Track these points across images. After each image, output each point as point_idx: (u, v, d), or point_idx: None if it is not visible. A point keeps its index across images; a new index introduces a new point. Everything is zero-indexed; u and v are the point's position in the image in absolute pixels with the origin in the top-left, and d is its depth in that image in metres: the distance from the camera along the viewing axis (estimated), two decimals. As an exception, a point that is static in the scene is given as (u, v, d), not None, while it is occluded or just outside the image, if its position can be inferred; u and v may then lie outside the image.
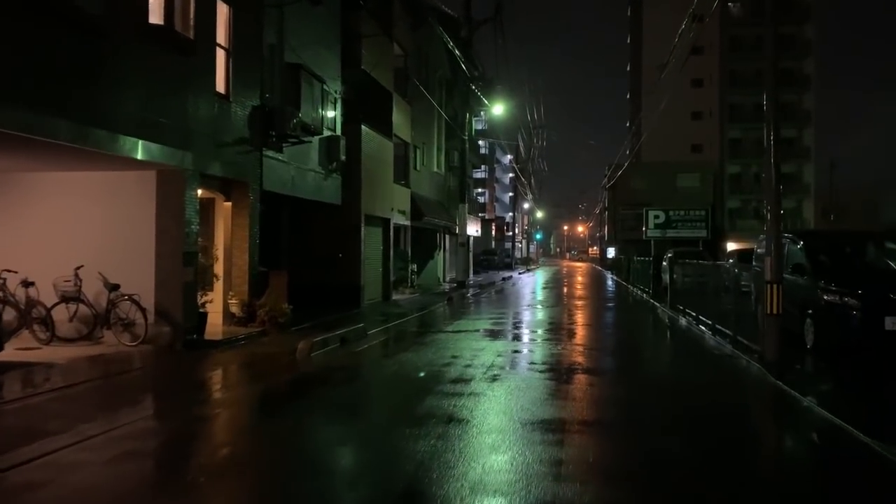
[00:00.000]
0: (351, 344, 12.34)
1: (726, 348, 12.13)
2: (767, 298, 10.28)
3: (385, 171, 22.88)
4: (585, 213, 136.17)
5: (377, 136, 21.85)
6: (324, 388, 8.93)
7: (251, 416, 7.73)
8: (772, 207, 10.49)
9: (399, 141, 25.67)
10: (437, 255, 33.49)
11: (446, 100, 32.59)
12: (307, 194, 17.26)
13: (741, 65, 65.39)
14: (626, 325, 17.33)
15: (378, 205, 21.97)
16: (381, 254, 22.85)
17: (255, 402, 8.23)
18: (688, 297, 18.74)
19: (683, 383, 9.46)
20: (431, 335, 13.97)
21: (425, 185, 30.13)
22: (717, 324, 14.26)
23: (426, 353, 11.30)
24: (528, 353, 11.49)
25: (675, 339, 14.69)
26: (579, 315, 19.05)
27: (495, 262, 60.37)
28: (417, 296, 24.89)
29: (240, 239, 13.72)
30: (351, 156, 19.64)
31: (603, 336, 14.66)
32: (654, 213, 31.15)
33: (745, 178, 66.23)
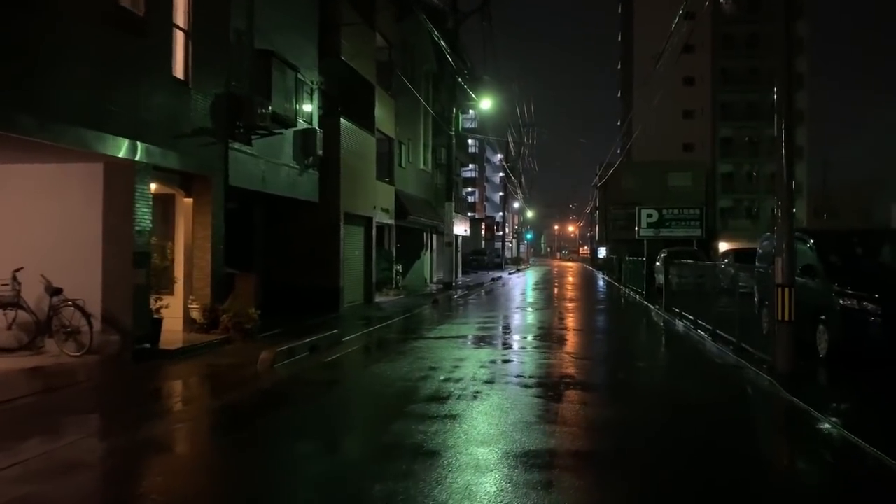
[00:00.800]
0: (322, 353, 11.27)
1: (729, 357, 11.15)
2: (779, 303, 9.29)
3: (367, 167, 21.80)
4: (576, 213, 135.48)
5: (358, 130, 20.78)
6: (280, 408, 7.85)
7: (182, 446, 6.65)
8: (783, 203, 9.49)
9: (382, 136, 24.59)
10: (423, 255, 32.43)
11: (433, 95, 31.53)
12: (280, 190, 16.16)
13: (733, 63, 64.67)
14: (620, 330, 16.33)
15: (359, 203, 20.89)
16: (363, 254, 21.77)
17: (194, 428, 7.15)
18: (684, 299, 17.77)
19: (687, 400, 8.42)
20: (411, 342, 12.91)
21: (411, 182, 29.06)
22: (718, 329, 13.29)
23: (402, 364, 10.24)
24: (515, 364, 10.42)
25: (673, 345, 13.69)
26: (570, 319, 18.04)
27: (485, 262, 59.37)
28: (402, 298, 23.83)
29: (202, 238, 12.61)
30: (329, 151, 18.57)
31: (596, 343, 13.68)
32: (647, 211, 30.22)
33: (738, 177, 65.50)
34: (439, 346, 12.02)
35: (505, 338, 13.51)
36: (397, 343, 12.93)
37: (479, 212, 75.49)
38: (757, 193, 64.27)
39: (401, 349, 12.04)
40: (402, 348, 12.13)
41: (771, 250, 13.51)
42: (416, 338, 13.48)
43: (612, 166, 60.54)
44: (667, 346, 13.77)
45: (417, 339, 13.19)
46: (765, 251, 13.84)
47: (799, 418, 7.38)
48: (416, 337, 13.63)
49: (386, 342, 13.19)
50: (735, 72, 64.91)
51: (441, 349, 11.66)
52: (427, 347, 12.00)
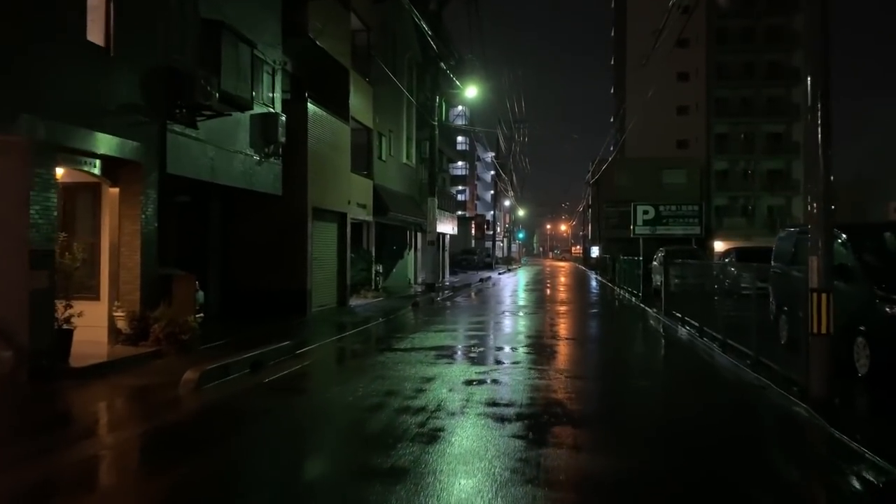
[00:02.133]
0: (265, 370, 9.47)
1: (746, 374, 9.41)
2: (814, 312, 7.54)
3: (340, 158, 20.00)
4: (568, 212, 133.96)
5: (330, 117, 18.97)
6: (181, 454, 6.01)
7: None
8: (818, 191, 7.71)
9: (359, 126, 22.79)
10: (407, 254, 30.63)
11: (417, 86, 29.73)
12: (234, 181, 14.35)
13: (728, 57, 63.04)
14: (617, 339, 14.57)
15: (331, 197, 19.09)
16: (336, 253, 19.97)
17: (71, 477, 5.35)
18: (686, 302, 16.07)
19: (707, 440, 6.57)
20: (375, 356, 11.14)
21: (393, 177, 27.26)
22: (728, 338, 11.57)
23: (356, 386, 8.47)
24: (493, 386, 8.54)
25: (678, 358, 11.91)
26: (562, 325, 16.28)
27: (475, 261, 57.65)
28: (381, 300, 22.05)
29: (130, 234, 10.78)
30: (295, 138, 16.77)
31: (590, 356, 11.90)
32: (643, 208, 28.45)
33: (732, 174, 63.84)
34: (407, 361, 10.24)
35: (486, 349, 11.71)
36: (359, 356, 11.17)
37: (470, 210, 73.70)
38: (752, 191, 62.70)
39: (361, 365, 10.28)
40: (364, 363, 10.36)
41: (790, 248, 11.81)
42: (384, 349, 11.70)
43: (605, 162, 58.94)
44: (671, 359, 11.98)
45: (384, 352, 11.40)
46: (781, 249, 12.12)
47: (854, 464, 5.64)
48: (383, 348, 11.84)
49: (346, 355, 11.41)
50: (730, 67, 63.32)
51: (408, 365, 9.87)
52: (393, 362, 10.21)
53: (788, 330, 11.09)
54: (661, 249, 25.31)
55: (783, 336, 11.27)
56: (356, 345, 12.52)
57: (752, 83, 62.50)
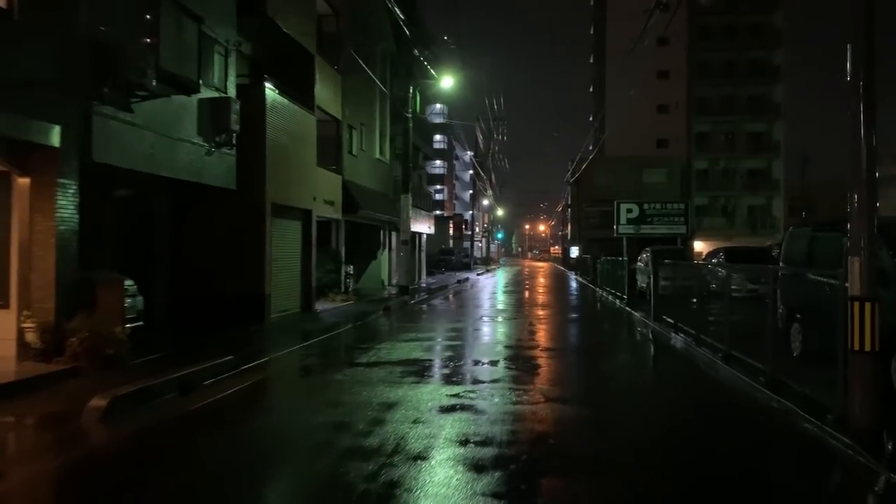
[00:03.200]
0: (197, 393, 7.96)
1: (761, 393, 8.07)
2: (855, 325, 6.22)
3: (305, 151, 18.47)
4: (547, 212, 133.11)
5: (293, 106, 17.43)
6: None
7: None
8: (861, 181, 6.38)
9: (327, 117, 21.26)
10: (380, 255, 29.12)
11: (392, 77, 28.23)
12: (179, 173, 12.78)
13: (709, 55, 62.24)
14: (606, 349, 13.15)
15: (294, 192, 17.55)
16: (300, 253, 18.42)
17: None
18: (678, 306, 14.79)
19: (736, 491, 5.17)
20: (332, 373, 9.67)
21: (364, 173, 25.75)
22: (734, 349, 10.26)
23: (299, 417, 7.02)
24: (467, 416, 6.86)
25: (678, 375, 10.42)
26: (543, 333, 14.89)
27: (453, 262, 56.28)
28: (350, 304, 20.55)
29: (43, 231, 9.20)
30: (251, 127, 15.23)
31: (578, 372, 10.38)
32: (627, 206, 27.24)
33: (713, 173, 63.08)
34: (369, 380, 8.77)
35: (460, 364, 10.23)
36: (314, 373, 9.69)
37: (448, 210, 72.36)
38: (733, 191, 61.98)
39: (313, 385, 8.82)
40: (316, 384, 8.90)
41: (803, 248, 10.51)
42: (344, 364, 10.22)
43: (585, 161, 57.86)
44: (671, 375, 10.52)
45: (344, 367, 9.93)
46: (792, 249, 10.83)
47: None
48: (343, 363, 10.37)
49: (299, 372, 9.91)
50: (711, 65, 62.54)
51: (369, 385, 8.40)
52: (351, 382, 8.74)
53: (802, 341, 9.81)
54: (647, 249, 24.07)
55: (796, 348, 9.99)
56: (313, 358, 11.02)
57: (733, 81, 61.80)
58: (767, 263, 20.86)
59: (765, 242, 54.49)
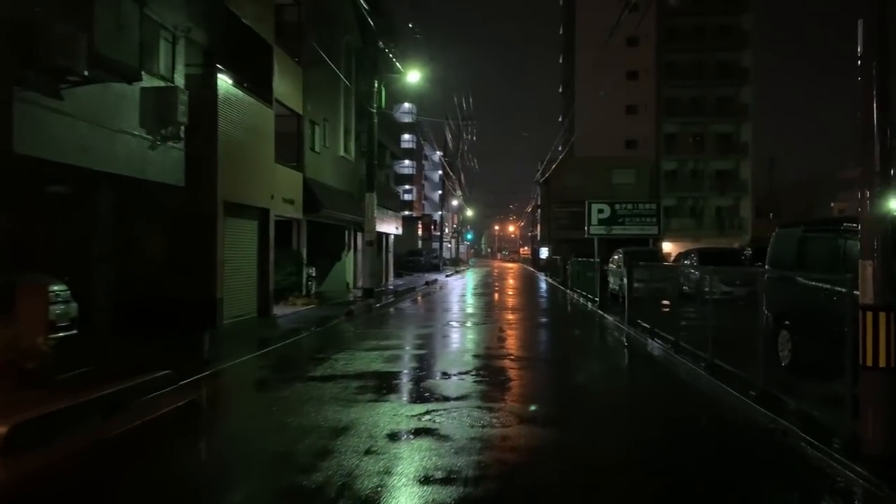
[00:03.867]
0: (124, 414, 6.97)
1: (753, 409, 7.30)
2: (868, 337, 5.49)
3: (262, 146, 17.44)
4: (517, 213, 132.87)
5: (249, 98, 16.41)
6: None
7: None
8: (871, 172, 5.66)
9: (287, 111, 20.25)
10: (345, 256, 28.11)
11: (358, 73, 27.25)
12: (119, 168, 11.72)
13: (678, 56, 62.22)
14: (581, 359, 12.28)
15: (250, 190, 16.52)
16: (257, 255, 17.39)
17: None
18: (654, 311, 14.12)
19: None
20: (282, 388, 8.72)
21: (328, 171, 24.75)
22: (717, 358, 9.54)
23: (235, 444, 6.12)
24: (428, 444, 5.95)
25: (660, 387, 9.46)
26: (513, 339, 14.07)
27: (421, 263, 55.38)
28: (312, 308, 19.55)
29: (-51, 231, 8.14)
30: (202, 120, 14.23)
31: (552, 386, 9.36)
32: (599, 206, 26.63)
33: (681, 174, 63.07)
34: (320, 397, 7.85)
35: (424, 377, 9.33)
36: (260, 390, 8.74)
37: (417, 210, 71.41)
38: (701, 192, 62.00)
39: (256, 404, 7.88)
40: (260, 402, 7.97)
41: (792, 249, 9.83)
42: (295, 378, 9.27)
43: (555, 162, 57.43)
44: (651, 387, 9.62)
45: (294, 382, 8.98)
46: (779, 251, 10.15)
47: None
48: (294, 376, 9.42)
49: (243, 388, 8.95)
50: (680, 66, 62.54)
51: (319, 404, 7.49)
52: (300, 400, 7.82)
53: (793, 350, 9.12)
54: (619, 250, 23.47)
55: (784, 357, 9.30)
56: (262, 371, 10.05)
57: (701, 83, 61.86)
58: (740, 265, 20.40)
59: (733, 243, 54.66)
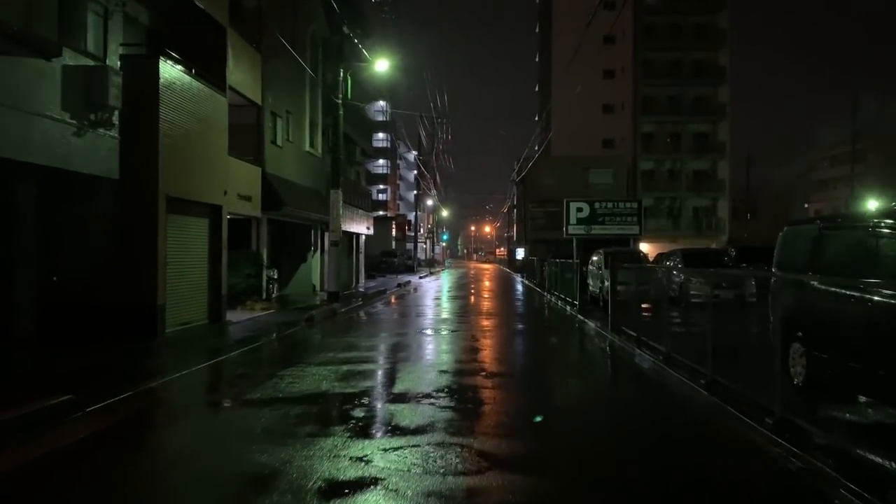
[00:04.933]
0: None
1: (773, 445, 6.03)
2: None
3: (214, 137, 15.94)
4: (493, 214, 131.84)
5: (198, 84, 14.91)
6: None
7: None
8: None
9: (244, 101, 18.77)
10: (311, 257, 26.64)
11: (325, 64, 25.77)
12: (36, 157, 10.22)
13: (655, 55, 61.48)
14: (563, 374, 10.82)
15: (198, 185, 15.03)
16: (208, 256, 15.88)
17: None
18: (641, 317, 12.91)
19: None
20: (207, 417, 7.34)
21: (291, 166, 23.27)
22: (719, 374, 8.32)
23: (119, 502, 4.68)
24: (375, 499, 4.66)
25: (655, 414, 7.67)
26: (490, 351, 12.71)
27: (395, 264, 54.02)
28: (271, 313, 18.09)
29: None
30: (142, 106, 12.78)
31: (532, 410, 7.71)
32: (578, 205, 25.44)
33: (659, 174, 62.37)
34: (249, 432, 6.45)
35: (380, 400, 7.84)
36: (180, 419, 7.28)
37: (392, 210, 69.90)
38: (678, 192, 61.30)
39: (168, 443, 6.43)
40: (175, 439, 6.52)
41: (805, 248, 8.61)
42: (227, 402, 7.88)
43: (531, 160, 56.36)
44: (646, 414, 7.69)
45: (224, 407, 7.60)
46: (790, 250, 8.89)
47: None
48: (228, 400, 8.01)
49: (156, 418, 7.46)
50: (657, 64, 61.82)
51: (248, 441, 6.10)
52: (223, 435, 6.44)
53: (807, 367, 7.91)
54: (600, 251, 22.30)
55: (797, 374, 8.08)
56: (190, 393, 8.59)
57: (678, 81, 61.17)
58: (725, 266, 19.32)
59: (710, 244, 53.95)
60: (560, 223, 26.19)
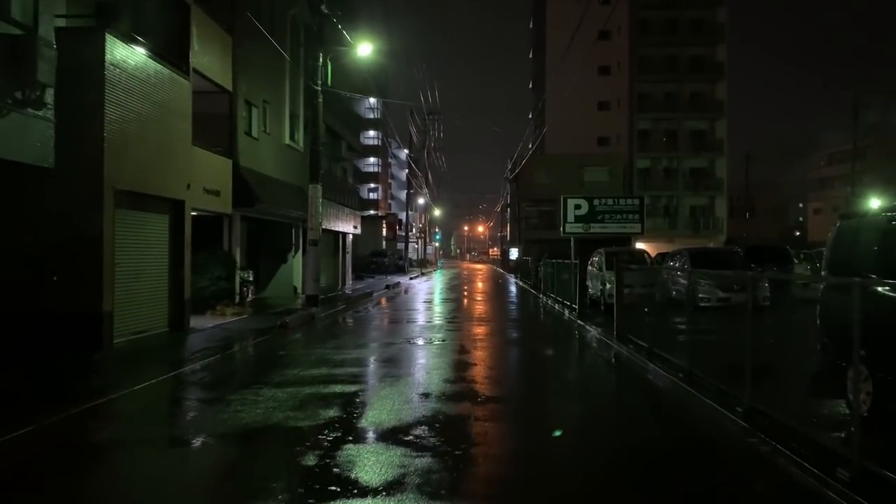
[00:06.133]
0: None
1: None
2: None
3: (175, 125, 14.32)
4: (486, 213, 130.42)
5: (155, 65, 13.30)
6: None
7: None
8: None
9: (213, 87, 17.17)
10: (292, 258, 25.04)
11: (307, 52, 24.16)
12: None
13: (651, 51, 60.11)
14: (568, 398, 9.20)
15: (156, 177, 13.42)
16: (169, 256, 14.27)
17: None
18: (651, 325, 11.39)
19: None
20: (107, 466, 5.73)
21: (269, 160, 21.68)
22: (760, 401, 6.79)
23: None
24: None
25: (686, 454, 6.29)
26: (480, 369, 11.08)
27: (385, 264, 52.45)
28: (243, 319, 16.51)
29: None
30: (85, 85, 11.18)
31: (532, 455, 6.21)
32: (575, 202, 23.94)
33: (655, 172, 60.95)
34: (155, 496, 4.89)
35: (339, 440, 6.00)
36: (67, 471, 5.67)
37: (383, 209, 68.25)
38: (675, 190, 59.89)
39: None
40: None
41: (868, 248, 7.10)
42: (145, 442, 6.26)
43: (525, 158, 54.89)
44: (676, 459, 6.00)
45: (137, 451, 5.97)
46: (848, 249, 7.32)
47: None
48: (146, 439, 6.40)
49: (39, 469, 5.84)
50: (653, 60, 60.42)
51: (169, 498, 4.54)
52: (141, 491, 4.86)
53: (874, 394, 6.39)
54: (601, 250, 20.78)
55: (860, 403, 6.53)
56: (106, 427, 6.89)
57: (675, 78, 59.77)
58: (736, 267, 17.84)
59: (708, 243, 52.59)
60: (555, 222, 24.72)
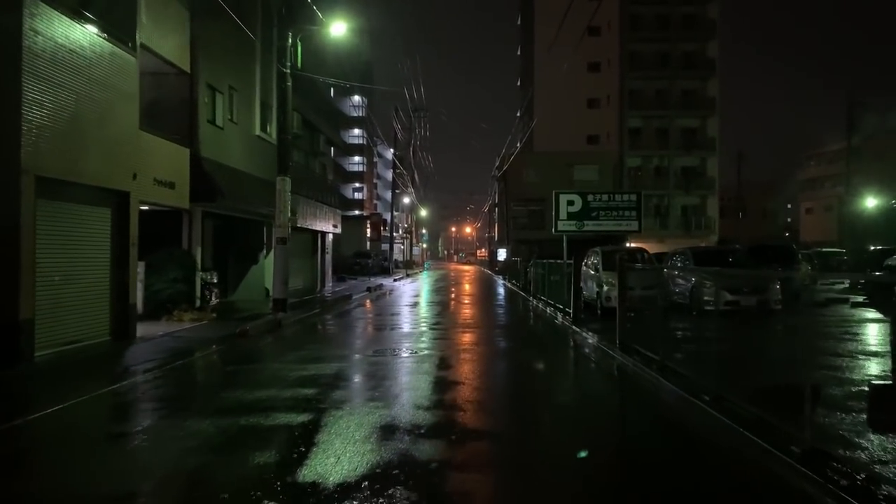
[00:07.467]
0: None
1: None
2: None
3: (118, 106, 12.56)
4: (473, 214, 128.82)
5: (91, 35, 11.55)
6: None
7: None
8: None
9: (168, 68, 15.40)
10: (263, 258, 23.26)
11: (280, 35, 22.41)
12: None
13: (642, 46, 58.73)
14: (573, 429, 7.68)
15: (93, 164, 11.67)
16: (111, 255, 12.52)
17: None
18: (661, 334, 9.79)
19: None
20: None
21: (236, 152, 19.92)
22: (819, 439, 5.20)
23: None
24: None
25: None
26: (466, 389, 9.39)
27: (369, 266, 50.73)
28: (202, 325, 14.79)
29: None
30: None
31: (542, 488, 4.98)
32: (569, 197, 22.38)
33: (646, 171, 59.57)
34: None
35: (275, 497, 4.64)
36: None
37: (369, 209, 66.51)
38: (666, 190, 58.53)
39: None
40: None
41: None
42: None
43: (513, 156, 53.40)
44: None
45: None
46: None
47: None
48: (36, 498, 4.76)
49: None
50: (644, 56, 59.04)
51: None
52: None
53: None
54: (597, 249, 19.17)
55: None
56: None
57: (666, 74, 58.43)
58: (740, 267, 16.35)
59: (700, 244, 51.29)
60: (544, 222, 23.32)
